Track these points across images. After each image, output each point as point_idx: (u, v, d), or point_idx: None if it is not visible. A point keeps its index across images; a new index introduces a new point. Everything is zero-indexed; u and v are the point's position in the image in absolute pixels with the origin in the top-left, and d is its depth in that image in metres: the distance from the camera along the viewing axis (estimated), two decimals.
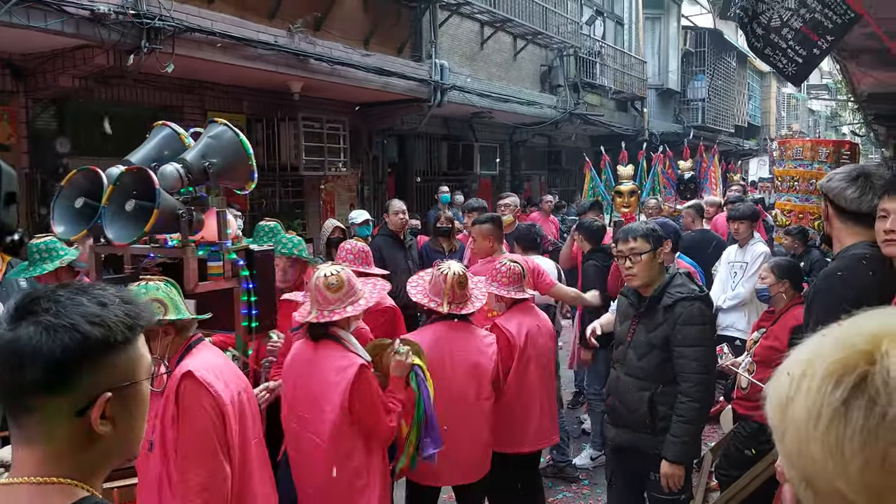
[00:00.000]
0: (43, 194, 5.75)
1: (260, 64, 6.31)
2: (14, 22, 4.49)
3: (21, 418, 1.05)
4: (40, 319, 1.02)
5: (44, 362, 1.00)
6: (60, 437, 1.04)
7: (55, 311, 1.03)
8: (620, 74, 14.52)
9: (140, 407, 1.13)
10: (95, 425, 1.04)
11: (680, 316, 2.97)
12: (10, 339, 1.02)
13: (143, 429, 1.15)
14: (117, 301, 1.08)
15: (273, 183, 8.09)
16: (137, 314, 1.10)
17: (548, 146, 14.58)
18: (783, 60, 4.10)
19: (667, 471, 2.97)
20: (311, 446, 2.81)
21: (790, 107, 33.18)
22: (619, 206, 7.28)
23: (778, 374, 0.82)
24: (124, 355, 1.07)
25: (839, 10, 3.83)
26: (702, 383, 2.96)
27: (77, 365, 1.02)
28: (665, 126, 16.92)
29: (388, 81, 7.85)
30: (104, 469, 1.11)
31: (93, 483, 1.08)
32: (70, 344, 1.01)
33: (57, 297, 1.05)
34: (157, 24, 5.20)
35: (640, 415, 3.07)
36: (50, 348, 1.00)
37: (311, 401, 2.81)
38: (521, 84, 11.26)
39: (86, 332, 1.02)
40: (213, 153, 2.61)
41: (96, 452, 1.07)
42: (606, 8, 15.06)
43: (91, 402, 1.03)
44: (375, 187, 9.74)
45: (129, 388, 1.09)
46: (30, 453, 1.05)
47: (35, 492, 1.02)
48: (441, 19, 9.09)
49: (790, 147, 6.55)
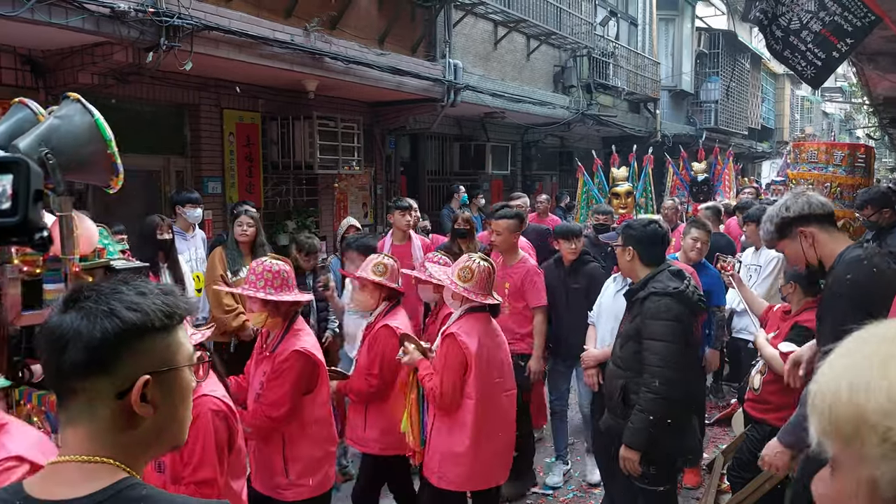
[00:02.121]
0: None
1: (276, 62, 6.34)
2: (36, 19, 4.54)
3: (67, 400, 1.11)
4: (82, 305, 1.10)
5: (84, 344, 1.07)
6: (103, 418, 1.10)
7: (96, 299, 1.10)
8: (634, 75, 14.48)
9: (181, 393, 1.18)
10: (136, 407, 1.10)
11: (648, 310, 3.15)
12: (56, 323, 1.10)
13: (187, 415, 1.20)
14: (157, 292, 1.15)
15: (287, 181, 8.13)
16: (175, 304, 1.16)
17: (560, 146, 14.56)
18: (802, 63, 4.10)
19: (622, 453, 3.18)
20: (508, 402, 3.46)
21: (804, 109, 32.97)
22: (616, 207, 7.30)
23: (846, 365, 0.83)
24: (162, 341, 1.13)
25: (859, 13, 3.82)
26: (659, 376, 3.10)
27: (115, 347, 1.08)
28: (678, 128, 16.86)
29: (402, 81, 7.87)
30: (147, 454, 1.18)
31: (135, 466, 1.13)
32: (108, 327, 1.07)
33: (100, 288, 1.13)
34: (176, 22, 5.24)
35: (616, 401, 3.30)
36: (90, 331, 1.07)
37: (500, 366, 3.41)
38: (534, 84, 11.26)
39: (123, 317, 1.09)
40: (57, 139, 2.05)
41: (138, 435, 1.13)
42: (620, 9, 15.03)
43: (131, 385, 1.09)
44: (388, 186, 9.77)
45: (169, 374, 1.14)
46: (74, 433, 1.11)
47: (80, 469, 1.08)
48: (455, 19, 9.10)
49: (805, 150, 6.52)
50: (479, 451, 3.28)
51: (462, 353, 3.25)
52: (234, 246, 5.12)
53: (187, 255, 5.40)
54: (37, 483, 1.11)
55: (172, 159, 7.04)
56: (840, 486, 0.82)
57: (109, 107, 6.34)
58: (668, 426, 3.15)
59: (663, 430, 3.14)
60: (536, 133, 12.85)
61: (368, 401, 3.66)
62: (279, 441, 3.09)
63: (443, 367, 3.25)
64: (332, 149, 7.73)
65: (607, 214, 6.22)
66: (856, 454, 0.79)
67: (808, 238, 2.66)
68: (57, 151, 1.99)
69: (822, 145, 6.60)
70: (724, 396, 6.63)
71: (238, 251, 5.10)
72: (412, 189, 10.20)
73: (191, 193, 5.82)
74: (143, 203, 6.68)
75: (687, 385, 3.27)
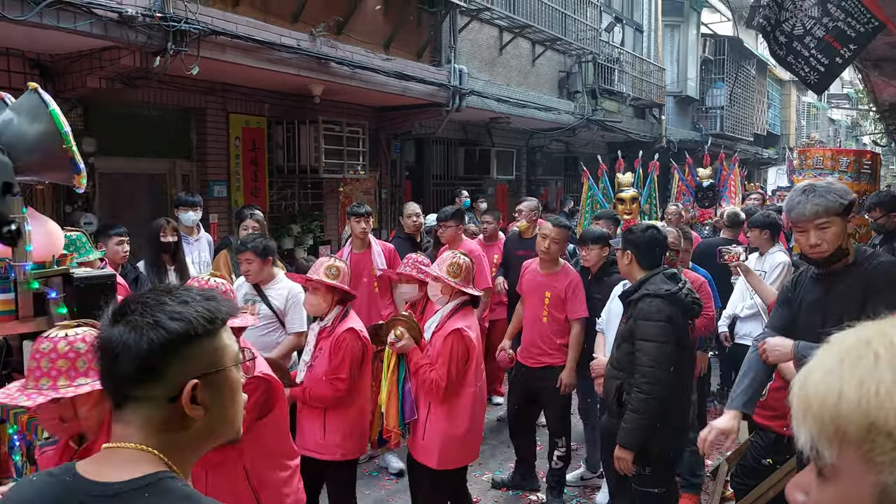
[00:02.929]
0: (68, 193, 5.85)
1: (282, 67, 6.38)
2: (45, 23, 4.58)
3: (122, 405, 1.18)
4: (129, 319, 1.16)
5: (133, 356, 1.14)
6: (157, 422, 1.17)
7: (141, 311, 1.16)
8: (639, 81, 14.49)
9: (230, 392, 1.24)
10: (187, 409, 1.16)
11: (641, 311, 3.24)
12: (105, 337, 1.17)
13: (238, 412, 1.27)
14: (199, 299, 1.21)
15: (292, 185, 8.16)
16: (217, 309, 1.21)
17: (565, 152, 14.57)
18: (805, 69, 4.10)
19: (616, 453, 3.25)
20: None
21: (810, 116, 32.89)
22: (621, 213, 7.28)
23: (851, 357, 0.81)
24: (208, 346, 1.20)
25: (862, 19, 3.82)
26: (648, 376, 3.16)
27: (163, 357, 1.15)
28: (683, 133, 16.85)
29: (407, 86, 7.90)
30: (198, 451, 1.25)
31: (184, 463, 1.21)
32: (154, 338, 1.14)
33: (145, 299, 1.19)
34: (183, 27, 5.27)
35: (611, 401, 3.39)
36: (137, 343, 1.13)
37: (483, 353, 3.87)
38: (540, 90, 11.28)
39: (168, 328, 1.15)
40: (10, 134, 1.92)
41: (190, 435, 1.20)
42: (626, 15, 15.04)
43: (181, 390, 1.16)
44: (393, 191, 9.79)
45: (217, 375, 1.21)
46: (126, 431, 1.18)
47: (130, 455, 1.16)
48: (461, 24, 9.13)
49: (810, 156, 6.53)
50: (473, 432, 3.71)
51: (467, 347, 3.58)
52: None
53: (191, 258, 5.43)
54: (88, 463, 1.18)
55: (178, 163, 7.08)
56: (840, 493, 0.79)
57: (117, 111, 6.39)
58: (661, 426, 3.17)
59: (656, 430, 3.16)
60: (541, 138, 12.87)
61: (330, 406, 3.60)
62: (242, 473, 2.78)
63: (448, 360, 3.52)
64: (338, 153, 7.76)
65: (610, 220, 6.13)
66: (862, 459, 0.76)
67: (851, 226, 2.74)
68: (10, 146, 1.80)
69: (827, 151, 6.61)
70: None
71: None
72: (417, 193, 10.22)
73: (188, 196, 5.83)
74: (149, 206, 6.72)
75: (681, 385, 3.29)
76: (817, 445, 0.79)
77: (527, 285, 4.79)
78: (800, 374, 0.85)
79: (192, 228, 5.69)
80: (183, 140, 7.14)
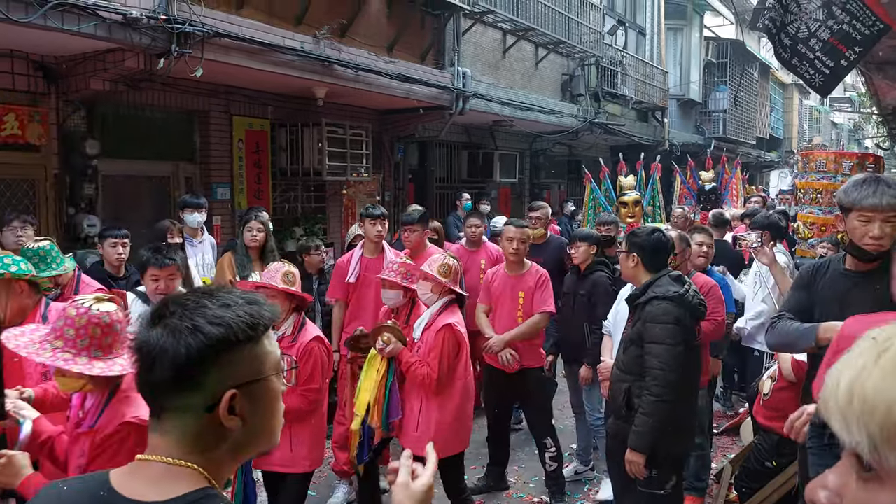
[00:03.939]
0: (72, 195, 5.86)
1: (286, 69, 6.38)
2: (49, 25, 4.59)
3: (159, 413, 1.13)
4: (167, 322, 1.10)
5: (170, 361, 1.07)
6: (193, 432, 1.11)
7: (180, 315, 1.10)
8: (642, 84, 14.49)
9: (269, 402, 1.17)
10: (224, 420, 1.10)
11: (649, 314, 3.23)
12: (143, 341, 1.11)
13: (277, 422, 1.20)
14: (241, 303, 1.14)
15: (295, 187, 8.17)
16: (260, 314, 1.14)
17: (568, 155, 14.57)
18: (810, 71, 4.09)
19: (627, 457, 3.24)
20: None
21: (812, 119, 32.89)
22: (624, 216, 7.26)
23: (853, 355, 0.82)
24: (249, 353, 1.12)
25: (867, 22, 3.82)
26: (659, 379, 3.16)
27: (201, 363, 1.08)
28: (686, 137, 16.85)
29: (411, 88, 7.91)
30: (234, 462, 1.18)
31: (220, 474, 1.15)
32: (192, 344, 1.07)
33: (184, 302, 1.12)
34: (187, 29, 5.28)
35: (619, 404, 3.36)
36: (175, 348, 1.07)
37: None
38: (543, 93, 11.29)
39: (207, 333, 1.08)
40: None
41: (226, 446, 1.13)
42: (629, 18, 15.05)
43: (218, 399, 1.09)
44: (396, 193, 9.80)
45: (256, 384, 1.13)
46: (164, 441, 1.12)
47: (166, 471, 1.10)
48: (464, 27, 9.14)
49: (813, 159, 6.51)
50: (464, 421, 3.96)
51: (458, 341, 3.80)
52: (244, 251, 5.14)
53: (195, 260, 5.42)
54: (122, 476, 1.13)
55: (182, 165, 7.08)
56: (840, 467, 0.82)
57: (120, 113, 6.40)
58: (670, 428, 3.17)
59: (666, 432, 3.16)
60: (544, 141, 12.87)
61: (296, 418, 3.46)
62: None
63: (439, 355, 3.71)
64: (341, 156, 7.76)
65: (611, 225, 6.13)
66: None
67: None
68: None
69: (830, 154, 6.59)
70: (732, 406, 6.60)
71: (247, 256, 5.12)
72: (420, 196, 10.22)
73: (193, 198, 5.84)
74: (152, 208, 6.73)
75: (688, 387, 3.29)
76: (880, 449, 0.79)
77: (497, 291, 4.78)
78: (843, 373, 0.83)
79: (195, 230, 5.69)
80: (186, 142, 7.14)
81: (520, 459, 5.42)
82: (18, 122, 5.51)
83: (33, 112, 5.61)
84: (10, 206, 5.40)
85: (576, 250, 4.98)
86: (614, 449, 3.53)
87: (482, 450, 5.24)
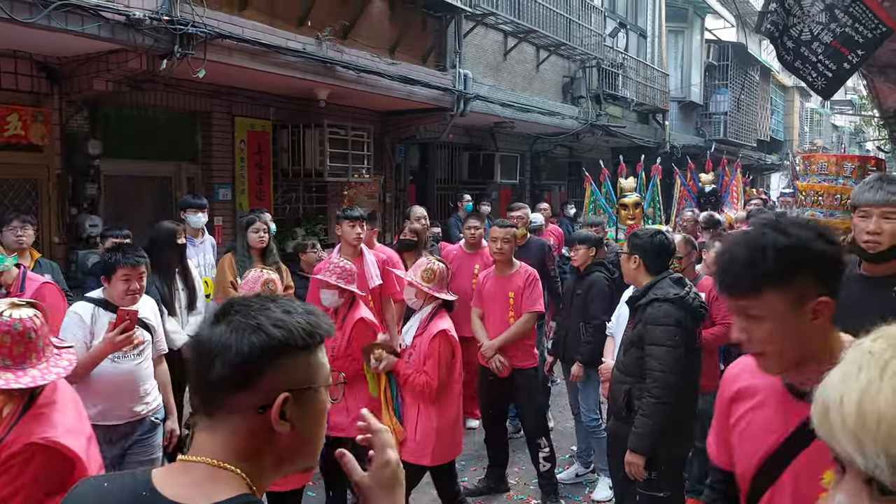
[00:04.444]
0: (74, 195, 5.86)
1: (288, 71, 6.39)
2: (53, 25, 4.60)
3: (211, 410, 1.14)
4: (232, 320, 1.12)
5: (231, 357, 1.09)
6: (242, 432, 1.12)
7: (245, 313, 1.13)
8: (643, 86, 14.51)
9: (317, 414, 1.19)
10: (275, 423, 1.11)
11: (650, 316, 3.25)
12: (206, 336, 1.13)
13: (321, 435, 1.21)
14: (301, 311, 1.17)
15: (297, 188, 8.18)
16: (318, 323, 1.17)
17: (569, 157, 14.58)
18: (813, 74, 4.10)
19: (627, 458, 3.25)
20: None
21: (813, 122, 32.90)
22: (624, 218, 7.27)
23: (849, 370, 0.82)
24: (304, 360, 1.15)
25: (870, 25, 3.83)
26: (659, 381, 3.17)
27: (260, 363, 1.10)
28: (687, 139, 16.86)
29: (412, 90, 7.92)
30: (277, 471, 1.18)
31: (262, 481, 1.15)
32: (255, 342, 1.09)
33: (249, 303, 1.16)
34: (190, 30, 5.29)
35: (619, 406, 3.38)
36: (238, 344, 1.09)
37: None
38: (544, 95, 11.30)
39: (269, 333, 1.10)
40: None
41: (272, 453, 1.14)
42: (630, 20, 15.07)
43: (272, 401, 1.11)
44: (397, 195, 9.80)
45: (308, 393, 1.15)
46: (211, 440, 1.13)
47: (209, 473, 1.10)
48: (466, 29, 9.15)
49: (815, 161, 6.50)
50: (459, 426, 3.97)
51: (453, 347, 3.77)
52: (245, 252, 5.14)
53: (196, 260, 5.42)
54: (164, 476, 1.13)
55: (184, 165, 7.09)
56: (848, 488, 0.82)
57: (123, 114, 6.41)
58: (670, 430, 3.17)
59: (666, 434, 3.17)
60: (545, 143, 12.88)
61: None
62: None
63: (437, 361, 3.68)
64: (342, 157, 7.77)
65: (598, 226, 6.19)
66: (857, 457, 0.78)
67: None
68: None
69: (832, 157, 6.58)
70: None
71: (248, 257, 5.12)
72: (421, 197, 10.24)
73: (195, 198, 5.85)
74: (153, 208, 6.73)
75: (689, 389, 3.30)
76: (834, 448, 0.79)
77: (488, 293, 4.82)
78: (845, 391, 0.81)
79: (197, 231, 5.69)
80: (188, 143, 7.15)
81: (520, 461, 5.42)
82: (21, 122, 5.51)
83: (36, 112, 5.62)
84: (12, 207, 5.41)
85: (575, 252, 5.05)
86: (614, 451, 3.53)
87: (482, 451, 5.25)
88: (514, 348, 4.67)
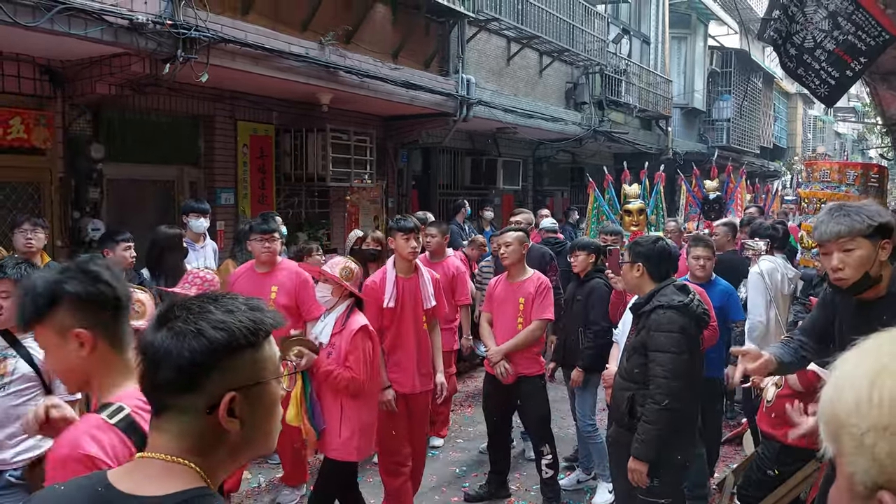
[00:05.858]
0: (77, 199, 5.87)
1: (291, 75, 6.40)
2: (56, 29, 4.61)
3: (160, 412, 1.17)
4: (172, 325, 1.13)
5: (173, 363, 1.11)
6: (193, 431, 1.14)
7: (185, 318, 1.14)
8: (646, 93, 14.51)
9: (268, 406, 1.21)
10: (223, 422, 1.13)
11: (654, 322, 3.23)
12: (149, 342, 1.15)
13: (275, 426, 1.23)
14: (244, 308, 1.18)
15: (299, 193, 8.18)
16: (261, 320, 1.18)
17: (571, 162, 14.58)
18: (816, 81, 4.10)
19: (630, 465, 3.23)
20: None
21: (816, 129, 32.90)
22: (628, 224, 7.25)
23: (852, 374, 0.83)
24: (249, 357, 1.16)
25: (873, 33, 3.82)
26: (663, 387, 3.16)
27: (203, 366, 1.12)
28: (689, 145, 16.86)
29: (415, 95, 7.92)
30: (230, 464, 1.21)
31: (216, 475, 1.18)
32: (196, 347, 1.11)
33: (189, 306, 1.16)
34: (193, 35, 5.30)
35: (622, 412, 3.36)
36: (179, 351, 1.11)
37: None
38: (547, 100, 11.30)
39: (210, 337, 1.12)
40: None
41: (224, 447, 1.17)
42: (633, 26, 15.08)
43: (219, 401, 1.13)
44: (399, 199, 9.81)
45: (256, 388, 1.17)
46: (164, 438, 1.16)
47: (164, 467, 1.13)
48: (469, 35, 9.16)
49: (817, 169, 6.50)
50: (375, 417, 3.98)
51: (372, 342, 3.82)
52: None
53: (197, 265, 5.41)
54: (120, 473, 1.16)
55: (186, 170, 7.10)
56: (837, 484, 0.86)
57: (126, 118, 6.42)
58: (673, 437, 3.16)
59: (669, 441, 3.16)
60: (548, 149, 12.88)
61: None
62: None
63: (361, 357, 3.71)
64: (345, 161, 7.78)
65: (616, 235, 6.06)
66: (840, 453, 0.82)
67: (885, 252, 2.43)
68: None
69: (834, 164, 6.58)
70: (735, 416, 6.58)
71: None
72: (423, 203, 10.23)
73: (197, 203, 5.83)
74: (156, 212, 6.73)
75: (691, 396, 3.29)
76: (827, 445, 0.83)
77: (499, 298, 4.79)
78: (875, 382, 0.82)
79: (198, 235, 5.68)
80: (191, 147, 7.16)
81: (521, 467, 5.41)
82: (24, 125, 5.52)
83: (39, 116, 5.63)
84: (15, 210, 5.42)
85: (575, 259, 5.07)
86: (615, 457, 3.52)
87: (483, 457, 5.23)
88: (519, 355, 4.64)
